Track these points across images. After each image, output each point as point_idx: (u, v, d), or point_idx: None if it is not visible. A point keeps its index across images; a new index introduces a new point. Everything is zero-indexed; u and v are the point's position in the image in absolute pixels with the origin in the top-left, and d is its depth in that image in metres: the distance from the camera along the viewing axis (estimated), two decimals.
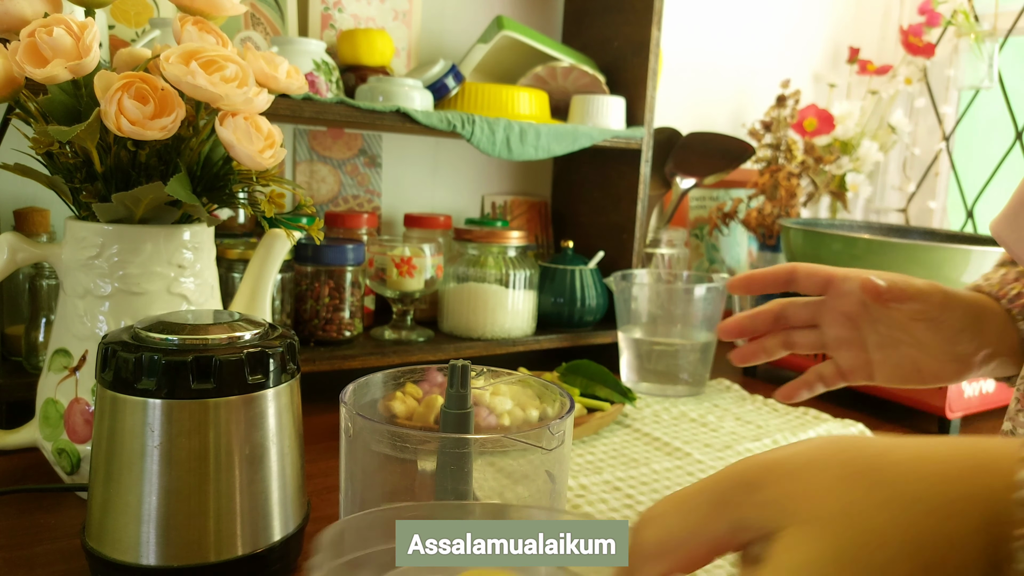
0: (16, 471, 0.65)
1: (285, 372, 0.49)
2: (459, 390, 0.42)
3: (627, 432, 0.83)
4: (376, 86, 0.91)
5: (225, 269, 0.84)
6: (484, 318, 0.99)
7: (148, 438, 0.45)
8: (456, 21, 1.18)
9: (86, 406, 0.57)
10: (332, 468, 0.69)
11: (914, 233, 1.33)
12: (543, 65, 1.08)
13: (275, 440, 0.49)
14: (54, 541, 0.54)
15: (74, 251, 0.57)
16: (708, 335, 1.00)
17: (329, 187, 1.12)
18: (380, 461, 0.41)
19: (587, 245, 1.18)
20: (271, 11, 1.01)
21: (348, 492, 0.43)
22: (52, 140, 0.52)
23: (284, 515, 0.49)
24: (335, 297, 0.90)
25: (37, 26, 0.51)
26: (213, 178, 0.60)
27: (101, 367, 0.47)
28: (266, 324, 0.51)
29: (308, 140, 1.09)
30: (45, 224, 0.81)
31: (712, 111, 1.54)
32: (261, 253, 0.67)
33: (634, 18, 1.09)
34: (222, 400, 0.46)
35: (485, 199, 1.26)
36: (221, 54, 0.54)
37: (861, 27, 1.71)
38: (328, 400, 0.86)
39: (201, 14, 0.59)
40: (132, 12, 0.91)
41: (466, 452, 0.41)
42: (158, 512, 0.45)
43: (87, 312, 0.57)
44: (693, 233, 1.50)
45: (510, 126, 0.94)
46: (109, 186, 0.56)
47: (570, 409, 0.42)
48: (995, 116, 1.56)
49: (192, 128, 0.57)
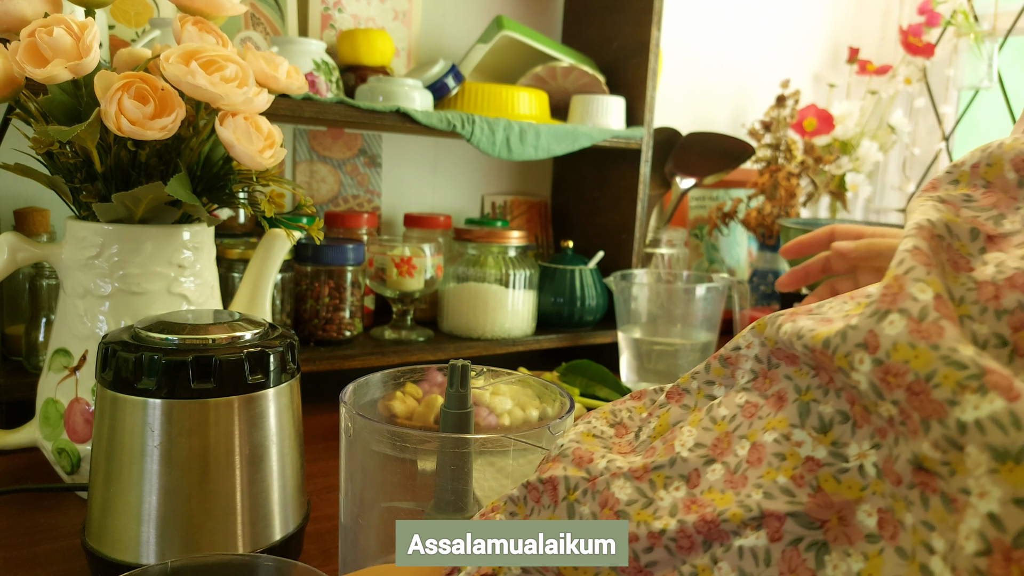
0: (16, 471, 0.65)
1: (285, 372, 0.49)
2: (459, 390, 0.42)
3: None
4: (376, 86, 0.91)
5: (225, 269, 0.84)
6: (484, 318, 0.99)
7: (148, 438, 0.45)
8: (456, 21, 1.18)
9: (86, 406, 0.57)
10: (332, 468, 0.69)
11: None
12: (543, 65, 1.08)
13: (275, 440, 0.49)
14: (54, 541, 0.54)
15: (74, 251, 0.57)
16: (708, 335, 1.00)
17: (329, 187, 1.12)
18: (380, 461, 0.41)
19: (587, 245, 1.18)
20: (271, 11, 1.01)
21: (348, 492, 0.43)
22: (52, 140, 0.52)
23: (284, 515, 0.49)
24: (335, 297, 0.90)
25: (37, 26, 0.51)
26: (213, 178, 0.60)
27: (101, 367, 0.47)
28: (266, 324, 0.51)
29: (308, 140, 1.09)
30: (45, 224, 0.81)
31: (712, 111, 1.54)
32: (261, 253, 0.67)
33: (634, 18, 1.09)
34: (222, 400, 0.46)
35: (485, 199, 1.26)
36: (221, 54, 0.54)
37: (861, 27, 1.71)
38: (328, 400, 0.86)
39: (201, 14, 0.59)
40: (132, 12, 0.91)
41: (466, 452, 0.41)
42: (158, 512, 0.45)
43: (87, 312, 0.57)
44: (693, 233, 1.50)
45: (510, 126, 0.94)
46: (109, 186, 0.56)
47: (570, 409, 0.42)
48: (995, 116, 1.56)
49: (192, 128, 0.57)
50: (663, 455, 0.28)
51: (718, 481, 0.26)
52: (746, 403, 0.28)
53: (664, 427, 0.31)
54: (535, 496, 0.30)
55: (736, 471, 0.26)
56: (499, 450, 0.40)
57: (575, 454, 0.30)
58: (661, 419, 0.31)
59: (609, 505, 0.27)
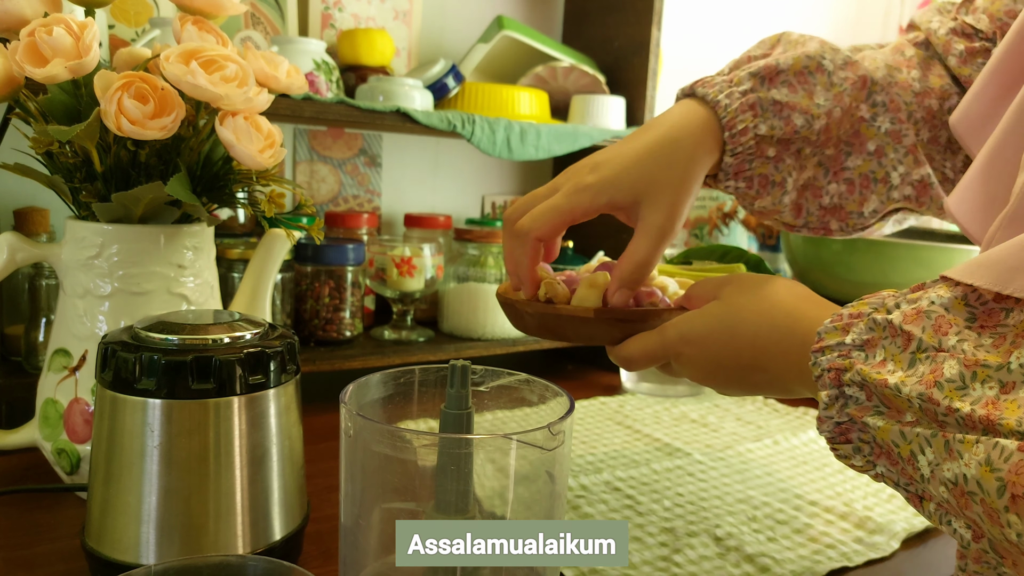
0: (16, 471, 0.65)
1: (285, 372, 0.49)
2: (459, 390, 0.42)
3: (627, 432, 0.83)
4: (376, 86, 0.91)
5: (225, 269, 0.84)
6: (484, 318, 0.99)
7: (148, 438, 0.45)
8: (456, 21, 1.18)
9: (86, 406, 0.57)
10: (332, 468, 0.69)
11: (914, 233, 1.33)
12: (543, 65, 1.08)
13: (275, 440, 0.49)
14: (54, 541, 0.54)
15: (74, 251, 0.57)
16: None
17: (329, 187, 1.12)
18: (380, 461, 0.41)
19: (587, 245, 1.18)
20: (271, 10, 1.01)
21: (348, 492, 0.43)
22: (52, 140, 0.52)
23: (284, 515, 0.49)
24: (335, 297, 0.90)
25: (37, 26, 0.51)
26: (213, 178, 0.60)
27: (101, 367, 0.47)
28: (266, 324, 0.51)
29: (308, 140, 1.09)
30: (45, 224, 0.81)
31: None
32: (261, 253, 0.67)
33: (634, 18, 1.09)
34: (222, 400, 0.46)
35: (485, 199, 1.26)
36: (221, 54, 0.54)
37: (861, 27, 1.71)
38: (328, 400, 0.86)
39: (201, 13, 0.59)
40: (132, 12, 0.91)
41: (466, 452, 0.41)
42: (158, 512, 0.45)
43: (87, 312, 0.57)
44: (693, 233, 1.50)
45: (510, 126, 0.94)
46: (109, 186, 0.56)
47: (570, 409, 0.42)
48: None
49: (192, 128, 0.57)
50: (996, 357, 0.31)
51: (1022, 398, 0.30)
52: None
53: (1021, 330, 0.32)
54: (892, 333, 0.35)
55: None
56: (499, 450, 0.40)
57: (937, 321, 0.34)
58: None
59: (934, 374, 0.32)
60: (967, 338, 0.32)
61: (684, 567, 0.54)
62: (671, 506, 0.64)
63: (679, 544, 0.57)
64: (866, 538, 0.60)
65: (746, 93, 0.54)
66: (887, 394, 0.34)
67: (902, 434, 0.33)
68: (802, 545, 0.59)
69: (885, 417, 0.35)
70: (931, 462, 0.32)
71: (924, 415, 0.33)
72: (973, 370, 0.31)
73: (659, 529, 0.60)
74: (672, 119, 0.54)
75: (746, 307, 0.45)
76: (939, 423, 0.32)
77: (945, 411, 0.31)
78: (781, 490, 0.69)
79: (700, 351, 0.46)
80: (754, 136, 0.54)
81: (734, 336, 0.45)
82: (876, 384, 0.34)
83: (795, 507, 0.65)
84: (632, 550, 0.56)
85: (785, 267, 1.51)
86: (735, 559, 0.56)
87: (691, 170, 0.51)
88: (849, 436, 0.37)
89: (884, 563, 0.57)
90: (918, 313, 0.34)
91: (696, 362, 0.47)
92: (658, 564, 0.54)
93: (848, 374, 0.36)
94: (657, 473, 0.71)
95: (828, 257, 1.12)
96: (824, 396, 0.37)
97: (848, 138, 0.57)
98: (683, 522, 0.61)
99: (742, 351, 0.44)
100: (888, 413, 0.35)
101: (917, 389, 0.32)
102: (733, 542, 0.58)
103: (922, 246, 1.01)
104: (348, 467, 0.42)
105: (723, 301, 0.47)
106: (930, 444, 0.32)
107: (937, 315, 0.34)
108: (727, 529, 0.60)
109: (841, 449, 0.37)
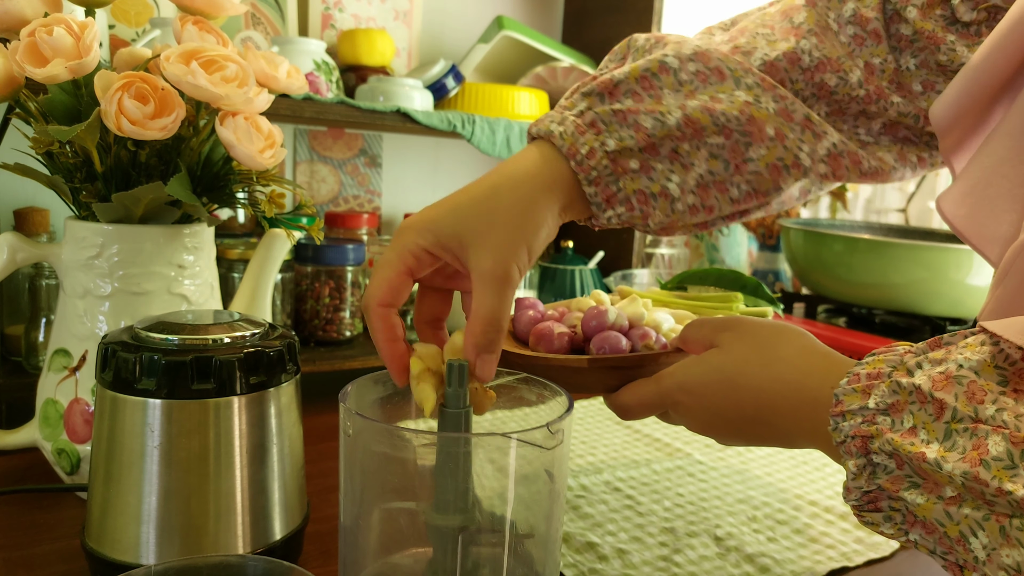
0: (16, 471, 0.65)
1: (285, 372, 0.49)
2: (458, 390, 0.42)
3: (627, 432, 0.83)
4: (376, 86, 0.91)
5: (225, 269, 0.84)
6: None
7: (148, 438, 0.45)
8: (456, 21, 1.18)
9: (86, 406, 0.57)
10: (332, 468, 0.69)
11: (914, 233, 1.33)
12: (543, 65, 1.08)
13: (275, 440, 0.49)
14: (54, 541, 0.54)
15: (74, 251, 0.57)
16: None
17: (329, 187, 1.12)
18: (379, 461, 0.41)
19: (587, 245, 1.18)
20: (271, 11, 1.01)
21: (348, 492, 0.43)
22: (52, 140, 0.52)
23: (284, 515, 0.49)
24: (335, 297, 0.90)
25: (37, 26, 0.51)
26: (213, 178, 0.60)
27: (101, 367, 0.47)
28: (266, 324, 0.51)
29: (308, 140, 1.09)
30: (45, 224, 0.81)
31: None
32: (261, 253, 0.67)
33: (634, 18, 1.09)
34: (222, 400, 0.46)
35: None
36: (221, 54, 0.54)
37: None
38: (328, 400, 0.86)
39: (201, 14, 0.59)
40: (132, 12, 0.91)
41: (465, 451, 0.41)
42: (158, 512, 0.45)
43: (87, 312, 0.57)
44: (694, 236, 1.50)
45: (510, 126, 0.94)
46: (109, 186, 0.56)
47: (569, 408, 0.42)
48: None
49: (192, 128, 0.57)
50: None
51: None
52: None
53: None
54: (920, 399, 0.33)
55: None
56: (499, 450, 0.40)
57: (970, 388, 0.31)
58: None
59: (978, 450, 0.30)
60: (1005, 406, 0.30)
61: (684, 567, 0.54)
62: (671, 506, 0.64)
63: (679, 544, 0.57)
64: (866, 538, 0.60)
65: (582, 114, 0.49)
66: (925, 468, 0.32)
67: (948, 514, 0.32)
68: (802, 545, 0.59)
69: (923, 491, 0.33)
70: (986, 546, 0.30)
71: (968, 492, 0.31)
72: (1021, 448, 0.29)
73: (659, 529, 0.60)
74: (513, 163, 0.48)
75: (748, 358, 0.43)
76: (987, 502, 0.30)
77: (995, 492, 0.29)
78: (781, 490, 0.69)
79: (699, 401, 0.45)
80: (604, 154, 0.48)
81: (735, 388, 0.43)
82: (912, 457, 0.32)
83: (795, 507, 0.65)
84: (632, 550, 0.56)
85: (785, 267, 1.51)
86: (735, 559, 0.56)
87: (531, 211, 0.46)
88: (879, 504, 0.35)
89: (884, 563, 0.57)
90: (947, 379, 0.32)
91: (695, 412, 0.45)
92: (658, 564, 0.54)
93: (876, 442, 0.34)
94: (657, 473, 0.71)
95: (828, 257, 1.12)
96: (852, 466, 0.35)
97: (744, 127, 0.50)
98: (683, 522, 0.61)
99: (744, 403, 0.43)
100: (924, 485, 0.33)
101: (961, 467, 0.30)
102: (733, 542, 0.58)
103: (922, 246, 1.01)
104: (348, 467, 0.42)
105: (723, 350, 0.44)
106: (982, 528, 0.30)
107: (968, 380, 0.32)
108: (727, 529, 0.60)
109: (869, 517, 0.36)
